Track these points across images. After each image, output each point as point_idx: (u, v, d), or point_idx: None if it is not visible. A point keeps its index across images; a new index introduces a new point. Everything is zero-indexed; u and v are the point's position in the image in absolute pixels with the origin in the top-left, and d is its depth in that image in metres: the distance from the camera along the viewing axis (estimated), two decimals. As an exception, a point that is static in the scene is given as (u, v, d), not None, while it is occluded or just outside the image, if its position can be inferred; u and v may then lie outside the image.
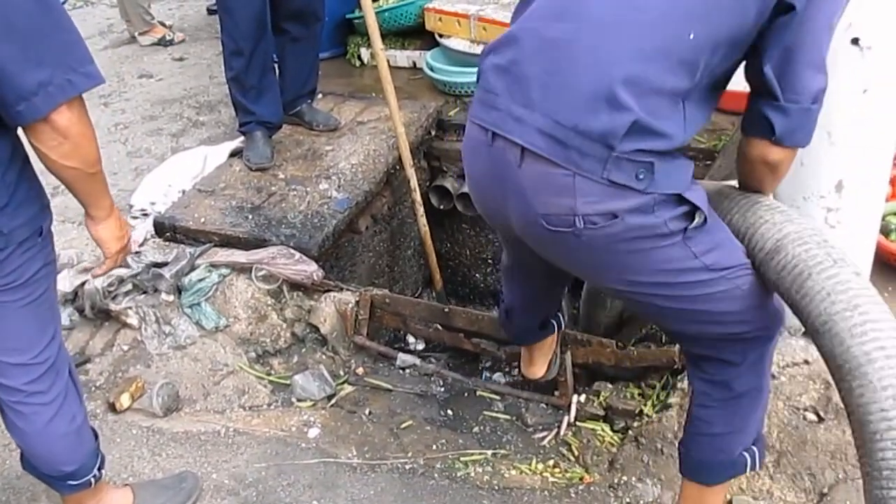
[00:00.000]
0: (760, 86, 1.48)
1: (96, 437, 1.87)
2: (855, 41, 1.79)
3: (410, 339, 2.95)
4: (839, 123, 1.89)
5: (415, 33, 4.08)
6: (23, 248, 1.58)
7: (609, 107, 1.40)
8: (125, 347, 2.55)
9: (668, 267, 1.53)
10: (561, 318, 2.21)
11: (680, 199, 1.48)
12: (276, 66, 3.34)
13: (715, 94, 1.54)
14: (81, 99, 1.44)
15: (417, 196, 3.21)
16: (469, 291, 3.94)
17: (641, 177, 1.42)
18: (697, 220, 1.49)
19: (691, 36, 1.40)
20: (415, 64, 4.08)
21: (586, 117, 1.41)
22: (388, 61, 3.99)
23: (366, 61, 4.19)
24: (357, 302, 2.63)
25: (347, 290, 2.67)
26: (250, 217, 2.84)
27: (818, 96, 1.47)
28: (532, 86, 1.48)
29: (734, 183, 1.72)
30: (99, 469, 1.85)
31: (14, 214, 1.54)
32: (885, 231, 2.43)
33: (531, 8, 1.57)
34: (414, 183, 3.18)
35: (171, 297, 2.62)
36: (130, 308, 2.58)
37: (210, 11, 5.20)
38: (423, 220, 3.26)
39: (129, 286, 2.62)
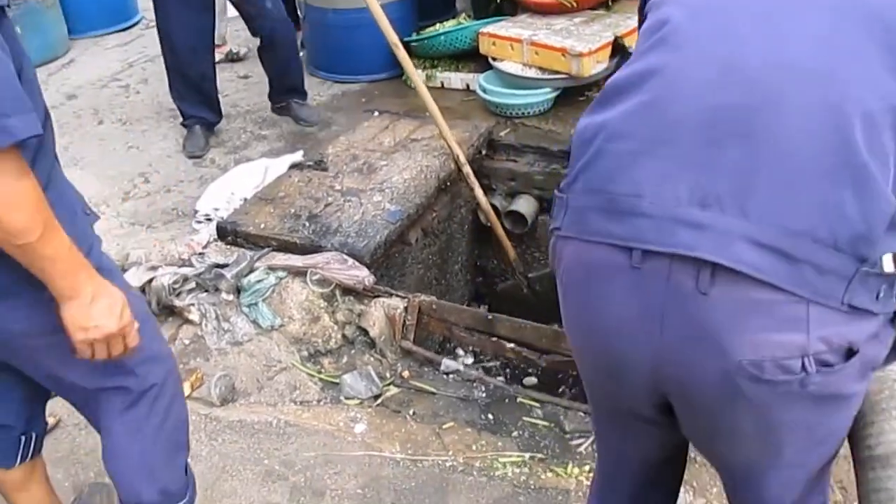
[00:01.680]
0: None
1: None
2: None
3: (459, 351, 3.07)
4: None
5: (469, 56, 4.23)
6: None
7: (857, 189, 0.99)
8: (186, 341, 2.70)
9: (849, 417, 1.17)
10: None
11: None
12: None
13: None
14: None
15: (467, 168, 3.31)
16: (513, 307, 4.03)
17: (881, 295, 1.02)
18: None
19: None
20: (468, 86, 4.23)
21: (825, 214, 0.99)
22: (441, 83, 4.19)
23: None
24: (405, 308, 2.75)
25: (396, 295, 2.79)
26: (307, 224, 2.99)
27: None
28: (715, 174, 1.03)
29: None
30: None
31: None
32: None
33: (666, 45, 1.12)
34: (463, 159, 3.31)
35: (231, 297, 2.78)
36: (193, 305, 2.74)
37: None
38: (479, 192, 3.36)
39: (193, 284, 2.79)
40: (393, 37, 3.20)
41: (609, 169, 1.11)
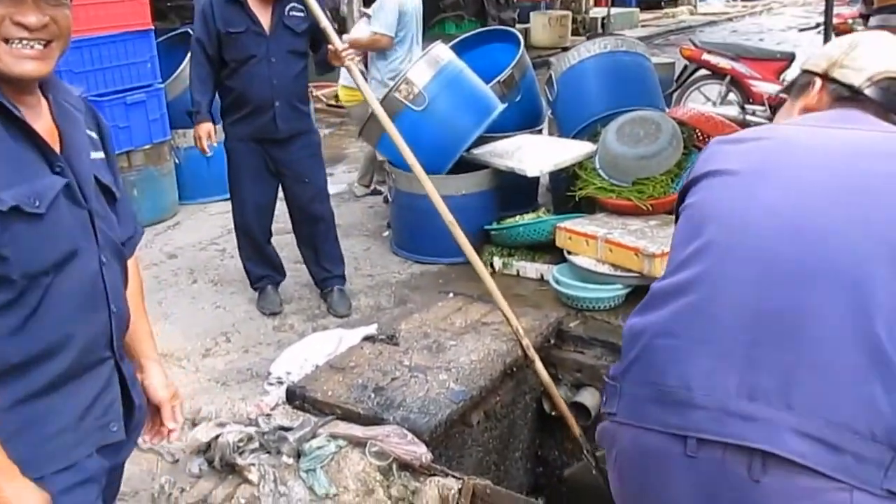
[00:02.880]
0: None
1: None
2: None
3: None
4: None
5: (545, 248, 4.40)
6: None
7: (885, 384, 1.11)
8: (242, 501, 2.74)
9: None
10: None
11: None
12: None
13: None
14: None
15: (532, 351, 3.34)
16: (580, 499, 3.93)
17: None
18: None
19: None
20: (542, 276, 4.37)
21: (863, 408, 1.12)
22: (517, 271, 4.34)
23: (497, 269, 4.52)
24: (459, 489, 2.74)
25: (452, 476, 2.79)
26: (372, 396, 3.07)
27: None
28: (761, 370, 1.16)
29: None
30: None
31: None
32: None
33: (708, 250, 1.27)
34: (527, 342, 3.34)
35: (291, 461, 2.83)
36: (254, 465, 2.80)
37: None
38: (545, 376, 3.37)
39: (257, 444, 2.86)
40: (448, 216, 3.39)
41: (659, 362, 1.23)
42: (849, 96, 1.45)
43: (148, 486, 2.80)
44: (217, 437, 2.87)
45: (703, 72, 7.50)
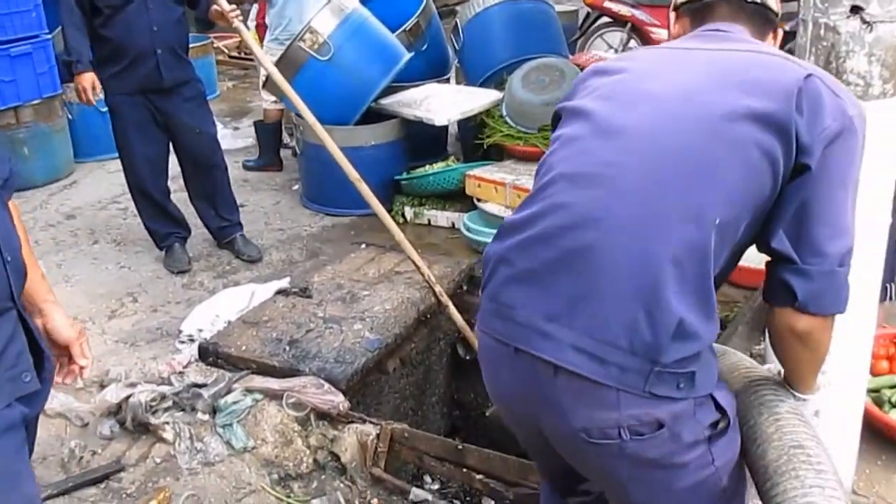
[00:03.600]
0: (775, 252, 1.42)
1: None
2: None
3: (427, 478, 3.08)
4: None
5: (455, 196, 4.44)
6: None
7: (648, 313, 1.35)
8: (158, 460, 2.71)
9: (694, 482, 1.47)
10: None
11: (717, 405, 1.45)
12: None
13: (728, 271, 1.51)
14: None
15: (439, 288, 3.39)
16: (489, 444, 4.03)
17: (682, 386, 1.38)
18: (722, 424, 1.46)
19: (717, 221, 1.38)
20: (453, 224, 4.41)
21: (627, 329, 1.36)
22: (428, 220, 4.38)
23: (408, 218, 4.55)
24: (377, 434, 2.79)
25: (370, 422, 2.83)
26: (287, 349, 3.06)
27: (843, 259, 1.39)
28: (561, 298, 1.42)
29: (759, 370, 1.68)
30: None
31: None
32: (878, 402, 2.56)
33: (545, 190, 1.50)
34: (439, 289, 3.39)
35: (207, 417, 2.81)
36: (168, 423, 2.77)
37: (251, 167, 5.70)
38: (453, 311, 3.40)
39: (170, 403, 2.83)
40: (353, 173, 3.38)
41: (498, 285, 1.53)
42: (696, 4, 1.67)
43: (57, 451, 2.73)
44: (128, 397, 2.83)
45: (605, 19, 7.60)
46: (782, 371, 1.65)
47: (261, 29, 6.02)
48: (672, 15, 1.77)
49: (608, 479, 1.54)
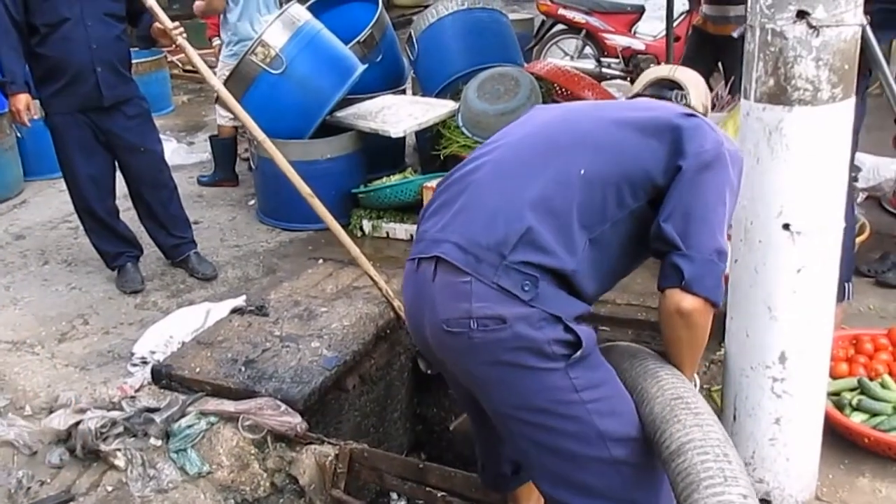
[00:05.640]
0: (664, 243, 1.71)
1: None
2: (786, 226, 2.02)
3: (394, 495, 3.02)
4: (778, 299, 2.08)
5: (414, 208, 4.38)
6: None
7: (507, 221, 1.71)
8: (109, 488, 2.62)
9: (550, 396, 1.69)
10: None
11: (567, 328, 1.68)
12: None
13: (625, 248, 1.80)
14: None
15: (397, 302, 3.36)
16: (453, 458, 3.99)
17: (527, 288, 1.67)
18: (579, 353, 1.68)
19: (582, 171, 1.74)
20: (412, 237, 4.34)
21: (487, 229, 1.72)
22: (386, 233, 4.34)
23: (367, 232, 4.49)
24: (336, 455, 2.73)
25: (328, 442, 2.77)
26: (243, 369, 2.99)
27: (720, 255, 1.69)
28: (451, 214, 1.80)
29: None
30: None
31: None
32: (839, 406, 2.56)
33: (457, 168, 1.95)
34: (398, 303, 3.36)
35: (160, 442, 2.73)
36: (119, 450, 2.68)
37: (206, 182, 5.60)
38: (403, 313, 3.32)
39: (121, 429, 2.74)
40: (305, 189, 3.32)
41: (421, 222, 1.93)
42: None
43: (4, 481, 2.63)
44: (77, 423, 2.74)
45: (560, 27, 7.63)
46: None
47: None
48: None
49: (470, 377, 1.80)
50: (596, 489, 1.74)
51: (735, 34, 4.20)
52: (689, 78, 2.09)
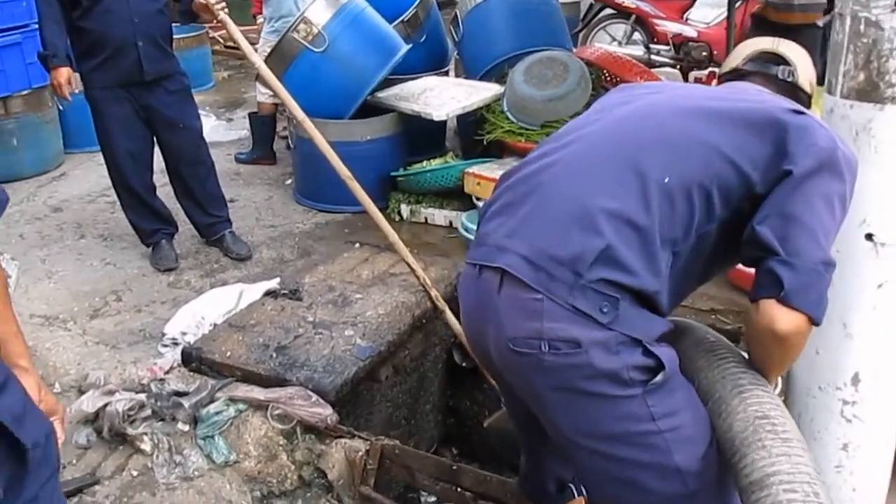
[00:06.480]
0: (758, 248, 1.51)
1: None
2: (869, 237, 1.86)
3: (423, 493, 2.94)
4: (855, 316, 1.93)
5: (453, 194, 4.28)
6: None
7: (582, 232, 1.54)
8: (134, 473, 2.57)
9: (625, 425, 1.53)
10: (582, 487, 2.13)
11: (646, 351, 1.51)
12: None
13: (709, 260, 1.63)
14: None
15: (435, 292, 3.27)
16: (485, 454, 3.90)
17: (605, 310, 1.49)
18: (659, 378, 1.51)
19: (666, 180, 1.54)
20: (451, 223, 4.26)
21: (559, 241, 1.55)
22: (425, 218, 4.23)
23: (405, 217, 4.39)
24: (367, 451, 2.64)
25: (359, 437, 2.69)
26: (274, 356, 2.91)
27: (826, 266, 1.48)
28: (518, 219, 1.63)
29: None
30: None
31: None
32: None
33: (523, 163, 1.81)
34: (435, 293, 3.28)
35: (187, 427, 2.66)
36: (146, 434, 2.62)
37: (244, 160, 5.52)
38: (449, 316, 3.26)
39: (149, 412, 2.68)
40: (343, 170, 3.22)
41: (484, 222, 1.77)
42: (733, 76, 1.90)
43: (30, 461, 2.58)
44: (105, 405, 2.68)
45: (608, 11, 7.42)
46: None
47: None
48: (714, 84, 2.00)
49: (534, 399, 1.65)
50: None
51: (820, 23, 3.94)
52: (796, 52, 1.85)
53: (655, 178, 1.55)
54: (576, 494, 2.16)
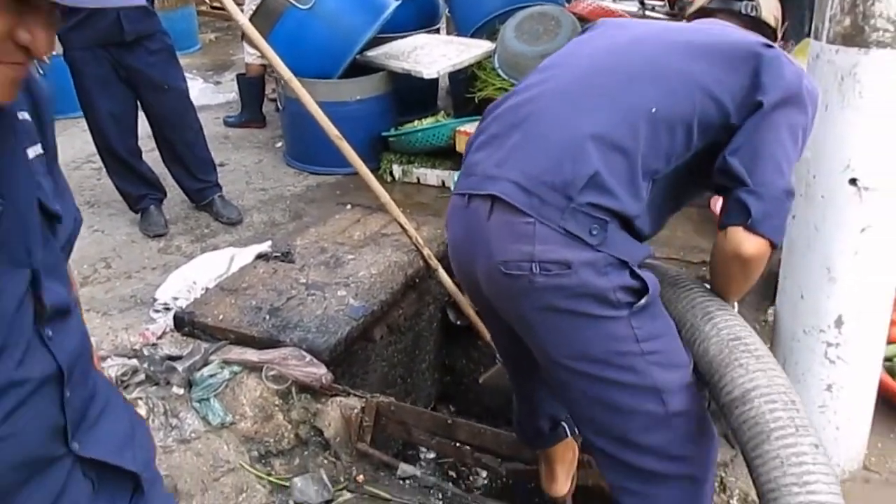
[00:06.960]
0: (729, 178, 1.58)
1: None
2: (853, 181, 1.85)
3: (422, 449, 2.94)
4: (838, 260, 1.93)
5: (445, 153, 4.24)
6: None
7: (572, 158, 1.57)
8: (130, 437, 2.56)
9: (610, 345, 1.59)
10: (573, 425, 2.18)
11: (633, 273, 1.58)
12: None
13: (684, 188, 1.71)
14: None
15: (427, 251, 3.23)
16: (481, 411, 3.91)
17: (595, 233, 1.55)
18: (644, 300, 1.57)
19: (654, 110, 1.58)
20: (444, 183, 4.22)
21: (551, 168, 1.57)
22: (417, 178, 4.19)
23: (397, 177, 4.35)
24: (362, 408, 2.64)
25: (354, 395, 2.68)
26: (267, 318, 2.89)
27: (788, 195, 1.58)
28: (507, 149, 1.65)
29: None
30: None
31: None
32: (891, 371, 2.41)
33: (509, 95, 1.81)
34: (428, 252, 3.23)
35: (182, 391, 2.66)
36: (141, 398, 2.61)
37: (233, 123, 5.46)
38: (443, 275, 3.23)
39: (143, 377, 2.67)
40: (333, 131, 3.16)
41: (471, 153, 1.76)
42: (699, 14, 1.95)
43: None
44: (98, 371, 2.66)
45: (601, -34, 7.31)
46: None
47: None
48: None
49: (523, 322, 1.68)
50: (645, 443, 1.64)
51: None
52: None
53: (644, 107, 1.59)
54: (568, 433, 2.20)
